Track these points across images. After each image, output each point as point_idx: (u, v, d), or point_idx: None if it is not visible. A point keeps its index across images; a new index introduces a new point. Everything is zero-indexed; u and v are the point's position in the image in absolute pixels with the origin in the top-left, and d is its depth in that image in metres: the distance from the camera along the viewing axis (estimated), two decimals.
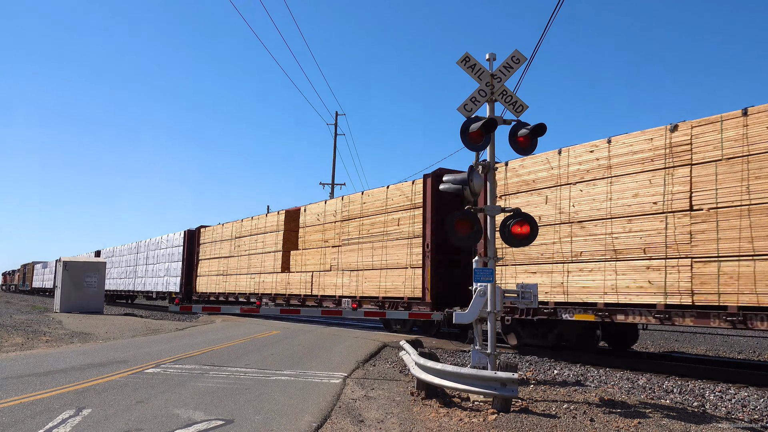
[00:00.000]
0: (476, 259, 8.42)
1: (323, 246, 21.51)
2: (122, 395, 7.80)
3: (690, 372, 11.25)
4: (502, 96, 8.45)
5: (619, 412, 7.16)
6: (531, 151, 8.53)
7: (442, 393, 8.23)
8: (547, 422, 6.69)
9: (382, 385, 9.26)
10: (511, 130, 8.33)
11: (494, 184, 8.37)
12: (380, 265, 18.37)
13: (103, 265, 28.36)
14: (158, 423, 6.40)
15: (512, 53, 8.54)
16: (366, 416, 7.17)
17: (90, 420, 6.47)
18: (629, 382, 10.36)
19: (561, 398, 8.04)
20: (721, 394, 9.27)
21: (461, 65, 8.46)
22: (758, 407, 8.40)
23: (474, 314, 8.33)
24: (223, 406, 7.31)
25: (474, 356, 8.31)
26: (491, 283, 8.01)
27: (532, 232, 8.18)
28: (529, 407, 7.45)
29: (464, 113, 8.32)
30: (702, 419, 7.09)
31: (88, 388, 8.23)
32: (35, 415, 6.64)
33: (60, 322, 20.57)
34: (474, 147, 8.30)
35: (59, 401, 7.34)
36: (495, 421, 6.75)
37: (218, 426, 6.34)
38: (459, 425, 6.69)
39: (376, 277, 18.47)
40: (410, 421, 6.97)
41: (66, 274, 26.60)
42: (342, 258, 20.15)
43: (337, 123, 38.46)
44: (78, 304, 26.42)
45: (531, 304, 8.68)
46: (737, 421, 7.61)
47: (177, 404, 7.32)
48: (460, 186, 8.22)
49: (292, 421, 6.70)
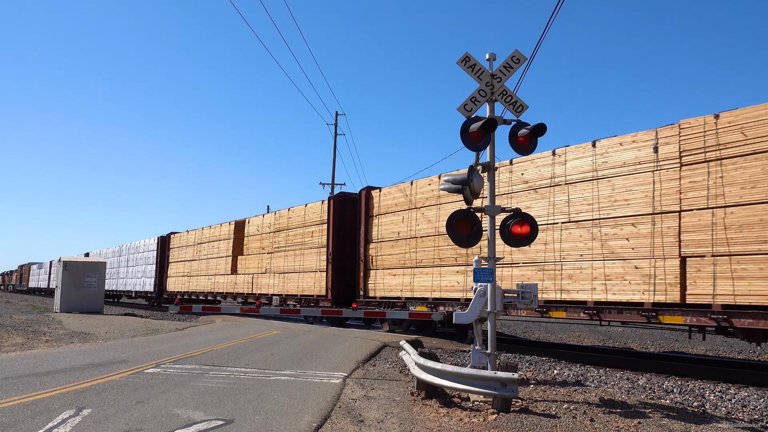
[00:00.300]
0: (476, 259, 8.43)
1: (261, 252, 25.66)
2: (122, 395, 7.80)
3: (690, 372, 11.25)
4: (502, 96, 8.45)
5: (619, 412, 7.16)
6: (531, 151, 8.53)
7: (442, 393, 8.23)
8: (547, 422, 6.69)
9: (382, 385, 9.26)
10: (511, 130, 8.33)
11: (494, 184, 8.37)
12: (299, 269, 22.68)
13: (103, 265, 28.35)
14: (158, 423, 6.40)
15: (512, 53, 8.54)
16: (366, 416, 7.17)
17: (90, 420, 6.47)
18: (629, 382, 10.36)
19: (561, 398, 8.04)
20: (721, 394, 9.27)
21: (461, 65, 8.46)
22: (758, 407, 8.40)
23: (474, 314, 8.33)
24: (223, 406, 7.30)
25: (474, 356, 8.31)
26: (491, 283, 8.01)
27: (532, 232, 8.19)
28: (529, 407, 7.45)
29: (464, 113, 8.32)
30: (702, 419, 7.09)
31: (88, 388, 8.23)
32: (35, 415, 6.63)
33: (60, 322, 20.57)
34: (474, 147, 8.29)
35: (59, 401, 7.34)
36: (495, 421, 6.75)
37: (218, 426, 6.33)
38: (459, 425, 6.69)
39: (296, 278, 22.74)
40: (410, 421, 6.97)
41: (66, 274, 26.58)
42: (274, 262, 24.44)
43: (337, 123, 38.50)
44: (78, 304, 26.40)
45: (531, 304, 8.69)
46: (737, 421, 7.61)
47: (177, 404, 7.32)
48: (460, 186, 8.22)
49: (292, 421, 6.70)
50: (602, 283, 12.21)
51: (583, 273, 12.61)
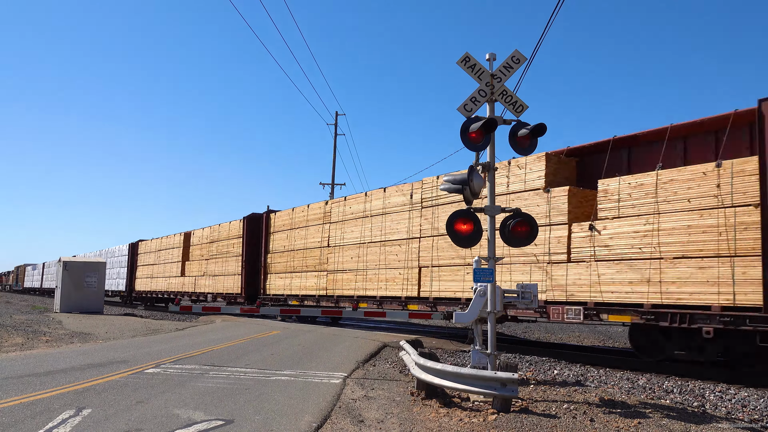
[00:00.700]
0: (476, 259, 8.43)
1: (201, 259, 31.52)
2: (122, 395, 7.80)
3: (690, 372, 11.26)
4: (502, 96, 8.45)
5: (619, 412, 7.16)
6: (531, 151, 8.53)
7: (442, 393, 8.23)
8: (547, 422, 6.69)
9: (382, 385, 9.26)
10: (511, 130, 8.33)
11: (494, 184, 8.37)
12: (225, 273, 28.25)
13: (103, 265, 28.34)
14: (158, 423, 6.40)
15: (512, 53, 8.54)
16: (366, 416, 7.17)
17: (90, 420, 6.47)
18: (629, 382, 10.36)
19: (561, 398, 8.04)
20: (721, 394, 9.27)
21: (461, 65, 8.45)
22: (758, 407, 8.40)
23: (474, 314, 8.33)
24: (223, 406, 7.31)
25: (474, 356, 8.31)
26: (491, 283, 8.01)
27: (532, 232, 8.19)
28: (529, 407, 7.45)
29: (464, 113, 8.32)
30: (702, 419, 7.09)
31: (88, 388, 8.23)
32: (35, 415, 6.64)
33: (60, 322, 20.57)
34: (474, 147, 8.29)
35: (59, 401, 7.34)
36: (495, 421, 6.75)
37: (218, 426, 6.34)
38: (459, 425, 6.69)
39: (223, 280, 28.35)
40: (410, 421, 6.97)
41: (66, 274, 26.55)
42: (209, 267, 30.13)
43: (337, 123, 38.52)
44: (78, 304, 26.38)
45: (531, 304, 8.69)
46: (737, 421, 7.61)
47: (177, 404, 7.32)
48: (459, 186, 8.22)
49: (292, 421, 6.70)
50: (384, 284, 18.26)
51: (377, 276, 18.61)
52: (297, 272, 23.05)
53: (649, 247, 11.40)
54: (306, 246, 22.64)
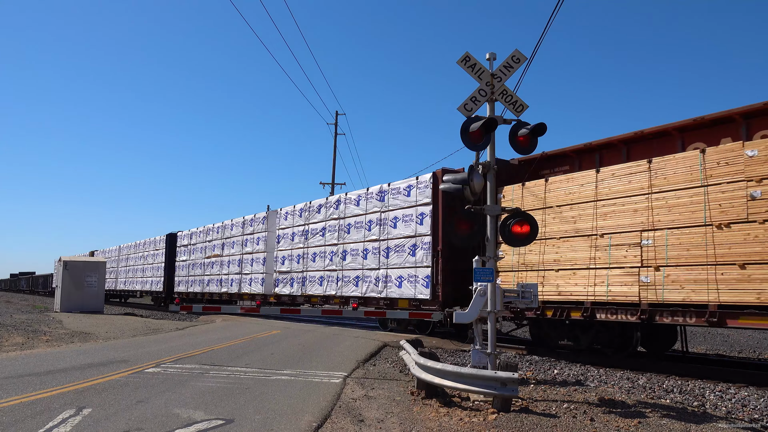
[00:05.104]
0: (476, 259, 8.42)
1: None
2: (122, 395, 7.80)
3: (690, 372, 11.26)
4: (502, 96, 8.45)
5: (619, 412, 7.16)
6: (531, 151, 8.52)
7: (443, 393, 8.23)
8: (547, 422, 6.69)
9: (382, 385, 9.26)
10: (511, 130, 8.32)
11: (494, 184, 8.37)
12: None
13: (103, 265, 28.34)
14: (158, 422, 6.40)
15: (512, 53, 8.53)
16: (366, 416, 7.17)
17: (90, 419, 6.47)
18: (629, 381, 10.36)
19: (561, 398, 8.04)
20: (721, 394, 9.26)
21: (461, 65, 8.45)
22: (758, 407, 8.40)
23: (474, 314, 8.33)
24: (224, 405, 7.31)
25: (474, 356, 8.31)
26: (491, 283, 8.01)
27: (532, 232, 8.18)
28: (529, 407, 7.45)
29: (464, 113, 8.32)
30: (702, 419, 7.09)
31: (88, 388, 8.24)
32: (35, 414, 6.64)
33: (60, 321, 20.57)
34: (474, 147, 8.29)
35: (59, 401, 7.35)
36: (495, 421, 6.75)
37: (218, 426, 6.34)
38: (459, 425, 6.69)
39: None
40: (410, 420, 6.97)
41: (66, 273, 26.56)
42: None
43: (337, 123, 38.48)
44: (78, 303, 26.39)
45: (531, 303, 8.68)
46: (737, 421, 7.60)
47: (177, 404, 7.32)
48: (460, 186, 8.22)
49: (293, 420, 6.70)
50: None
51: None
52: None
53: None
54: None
